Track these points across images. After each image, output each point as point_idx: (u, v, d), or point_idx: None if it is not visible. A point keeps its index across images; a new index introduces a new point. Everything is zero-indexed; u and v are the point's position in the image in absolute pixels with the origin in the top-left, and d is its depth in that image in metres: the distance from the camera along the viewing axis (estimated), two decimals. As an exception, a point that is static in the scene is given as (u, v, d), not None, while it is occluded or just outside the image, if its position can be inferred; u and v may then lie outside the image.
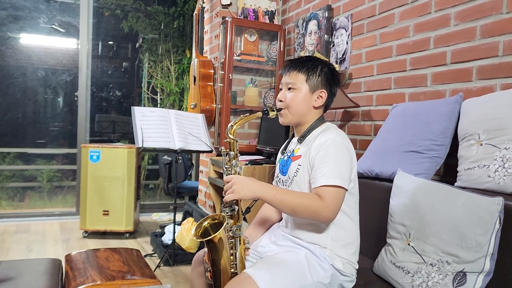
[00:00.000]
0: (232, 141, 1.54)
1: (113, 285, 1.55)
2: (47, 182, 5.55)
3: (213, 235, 1.42)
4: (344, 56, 2.75)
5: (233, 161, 1.54)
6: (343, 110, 2.75)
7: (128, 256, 1.88)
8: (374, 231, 1.91)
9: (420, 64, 2.20)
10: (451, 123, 1.86)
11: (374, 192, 1.98)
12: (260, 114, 1.58)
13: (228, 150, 1.54)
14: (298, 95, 1.59)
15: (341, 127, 2.75)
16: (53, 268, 1.74)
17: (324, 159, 1.48)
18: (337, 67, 2.80)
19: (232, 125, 1.53)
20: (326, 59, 2.80)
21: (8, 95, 5.31)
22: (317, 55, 2.97)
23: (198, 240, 1.45)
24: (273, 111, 1.59)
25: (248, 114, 1.56)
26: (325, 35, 2.90)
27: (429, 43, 2.15)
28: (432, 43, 2.13)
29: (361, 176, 2.08)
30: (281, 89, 1.65)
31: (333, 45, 2.86)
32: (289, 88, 1.61)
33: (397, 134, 2.05)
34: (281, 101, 1.62)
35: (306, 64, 1.60)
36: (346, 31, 2.74)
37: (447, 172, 2.00)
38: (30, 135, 5.66)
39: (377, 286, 1.66)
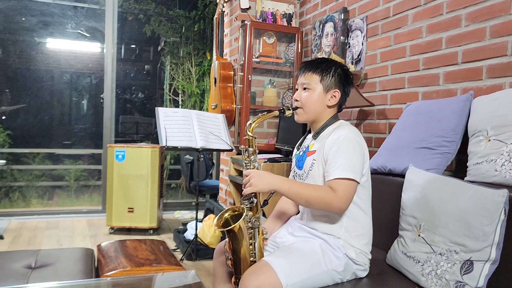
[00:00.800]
0: (251, 138, 1.65)
1: (142, 271, 1.68)
2: (74, 181, 5.77)
3: (233, 225, 1.54)
4: (359, 56, 2.84)
5: (252, 156, 1.65)
6: (358, 109, 2.83)
7: (154, 246, 2.01)
8: (387, 224, 1.99)
9: (432, 64, 2.27)
10: (461, 120, 1.93)
11: (387, 187, 2.06)
12: (277, 113, 1.69)
13: (247, 147, 1.66)
14: (313, 95, 1.69)
15: (357, 125, 2.84)
16: (86, 256, 1.88)
17: (337, 154, 1.58)
18: (352, 67, 2.89)
19: (250, 123, 1.65)
20: (341, 61, 2.90)
21: (38, 98, 5.56)
22: (334, 56, 3.06)
23: (220, 229, 1.57)
24: (289, 110, 1.70)
25: (265, 113, 1.68)
26: (341, 37, 2.99)
27: (441, 43, 2.22)
28: (444, 43, 2.20)
29: (374, 172, 2.17)
30: (297, 89, 1.76)
31: (349, 46, 2.95)
32: (304, 88, 1.71)
33: (409, 131, 2.12)
34: (296, 100, 1.72)
35: (321, 66, 1.70)
36: (362, 33, 2.83)
37: (459, 168, 2.07)
38: (58, 136, 5.91)
39: (390, 275, 1.75)
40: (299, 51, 3.51)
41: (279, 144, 3.33)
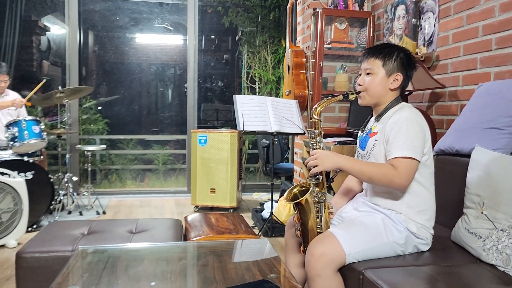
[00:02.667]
0: (317, 121, 1.81)
1: (222, 237, 1.94)
2: (162, 165, 6.31)
3: (300, 199, 1.72)
4: (431, 38, 2.84)
5: (318, 138, 1.82)
6: (430, 91, 2.84)
7: (233, 218, 2.27)
8: (454, 204, 2.04)
9: (505, 43, 2.23)
10: (532, 100, 1.92)
11: (454, 168, 2.11)
12: (341, 97, 1.83)
13: (313, 129, 1.82)
14: (375, 79, 1.80)
15: (428, 107, 2.85)
16: (176, 225, 2.20)
17: (398, 134, 1.69)
18: (424, 50, 2.89)
19: (316, 107, 1.80)
20: (413, 43, 2.91)
21: (131, 89, 6.16)
22: (405, 39, 3.08)
23: (289, 202, 1.76)
24: (353, 94, 1.83)
25: (330, 97, 1.82)
26: (413, 19, 3.00)
27: (515, 22, 2.18)
28: (518, 22, 2.16)
29: (442, 153, 2.22)
30: (360, 74, 1.88)
31: (421, 29, 2.95)
32: (368, 73, 1.83)
33: (478, 112, 2.13)
34: (360, 85, 1.85)
35: (383, 51, 1.81)
36: (434, 14, 2.82)
37: (530, 148, 2.04)
38: (147, 123, 6.48)
39: (453, 250, 1.83)
40: (371, 35, 3.55)
41: (350, 128, 3.43)
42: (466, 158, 2.07)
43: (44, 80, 4.18)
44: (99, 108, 5.89)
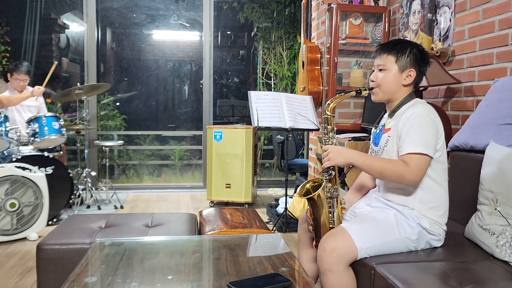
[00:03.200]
0: (329, 116, 1.82)
1: (235, 232, 1.97)
2: (178, 161, 6.38)
3: (313, 194, 1.74)
4: (447, 33, 2.81)
5: (330, 133, 1.83)
6: (446, 87, 2.82)
7: (247, 213, 2.30)
8: (468, 200, 2.03)
9: (522, 38, 2.21)
10: (549, 95, 1.89)
11: (469, 164, 2.09)
12: (353, 93, 1.84)
13: (326, 125, 1.83)
14: (388, 75, 1.80)
15: (443, 103, 2.83)
16: (190, 219, 2.24)
17: (410, 130, 1.69)
18: (440, 44, 2.87)
19: (329, 103, 1.82)
20: (428, 38, 2.89)
21: (148, 85, 6.24)
22: (421, 34, 3.06)
23: (301, 198, 1.78)
24: (366, 90, 1.83)
25: (343, 93, 1.83)
26: (429, 14, 2.97)
27: (532, 16, 2.15)
28: (535, 16, 2.13)
29: (456, 149, 2.21)
30: (373, 71, 1.88)
31: (436, 23, 2.92)
32: (380, 70, 1.83)
33: (494, 108, 2.11)
34: (372, 81, 1.85)
35: (396, 47, 1.80)
36: (449, 9, 2.79)
37: (547, 144, 2.02)
38: (164, 119, 6.57)
39: (466, 246, 1.82)
40: (386, 30, 3.53)
41: (365, 124, 3.42)
42: (480, 154, 2.06)
43: (56, 63, 4.25)
44: (117, 104, 5.98)
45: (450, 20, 2.78)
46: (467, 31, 2.63)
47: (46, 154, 3.66)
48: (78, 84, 4.05)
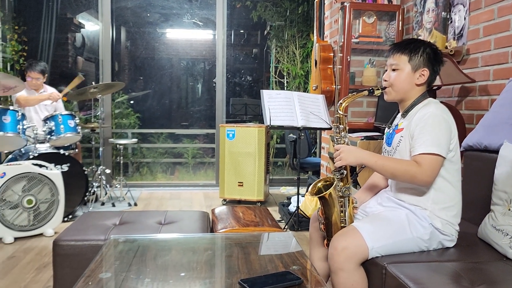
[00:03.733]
0: (342, 116, 1.82)
1: (247, 230, 1.99)
2: (191, 159, 6.43)
3: (324, 193, 1.75)
4: (461, 32, 2.78)
5: (342, 133, 1.83)
6: (460, 86, 2.79)
7: (259, 212, 2.32)
8: (481, 201, 2.01)
9: (539, 37, 2.18)
10: None
11: (482, 164, 2.08)
12: (366, 92, 1.84)
13: (338, 124, 1.83)
14: (401, 75, 1.79)
15: (457, 102, 2.81)
16: (203, 217, 2.27)
17: (422, 130, 1.68)
18: (454, 43, 2.84)
19: (341, 103, 1.82)
20: (442, 37, 2.87)
21: (161, 84, 6.30)
22: (435, 32, 3.03)
23: (313, 196, 1.79)
24: (378, 89, 1.83)
25: (355, 92, 1.83)
26: (443, 12, 2.95)
27: (549, 14, 2.12)
28: (552, 14, 2.10)
29: (470, 149, 2.19)
30: (386, 70, 1.88)
31: (451, 22, 2.90)
32: (393, 69, 1.82)
33: (508, 107, 2.09)
34: (385, 80, 1.84)
35: (409, 46, 1.80)
36: (464, 7, 2.76)
37: None
38: (177, 117, 6.62)
39: (478, 247, 1.81)
40: (399, 29, 3.50)
41: (378, 123, 3.40)
42: (494, 154, 2.04)
43: (81, 78, 4.34)
44: (131, 102, 6.05)
45: (464, 18, 2.76)
46: (482, 30, 2.60)
47: (62, 151, 3.73)
48: (93, 82, 4.11)
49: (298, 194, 3.49)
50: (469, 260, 1.67)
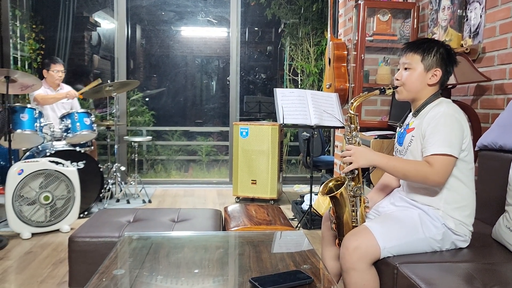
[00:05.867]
0: (353, 115, 1.82)
1: (259, 228, 2.00)
2: (205, 156, 6.47)
3: (335, 192, 1.75)
4: (477, 30, 2.75)
5: (354, 132, 1.83)
6: (475, 84, 2.76)
7: (271, 210, 2.33)
8: (496, 201, 1.99)
9: (557, 35, 2.14)
10: None
11: (497, 164, 2.05)
12: (377, 92, 1.83)
13: (349, 123, 1.83)
14: (413, 74, 1.78)
15: (473, 101, 2.77)
16: (216, 215, 2.29)
17: (434, 130, 1.67)
18: (470, 41, 2.81)
19: (352, 102, 1.82)
20: (458, 35, 2.83)
21: (176, 82, 6.35)
22: (450, 30, 3.00)
23: (324, 196, 1.79)
24: (390, 88, 1.82)
25: (367, 92, 1.83)
26: (459, 10, 2.91)
27: None
28: None
29: (485, 149, 2.17)
30: (398, 69, 1.87)
31: (467, 20, 2.86)
32: (406, 68, 1.81)
33: (524, 107, 2.06)
34: (397, 79, 1.84)
35: (422, 46, 1.78)
36: (480, 5, 2.72)
37: None
38: (191, 115, 6.66)
39: (492, 247, 1.79)
40: (415, 27, 3.47)
41: (392, 121, 3.38)
42: (509, 154, 2.02)
43: (99, 81, 4.40)
44: (146, 100, 6.11)
45: (480, 16, 2.72)
46: (498, 28, 2.56)
47: (78, 149, 3.79)
48: (109, 80, 4.16)
49: (311, 192, 3.49)
50: (482, 261, 1.65)
